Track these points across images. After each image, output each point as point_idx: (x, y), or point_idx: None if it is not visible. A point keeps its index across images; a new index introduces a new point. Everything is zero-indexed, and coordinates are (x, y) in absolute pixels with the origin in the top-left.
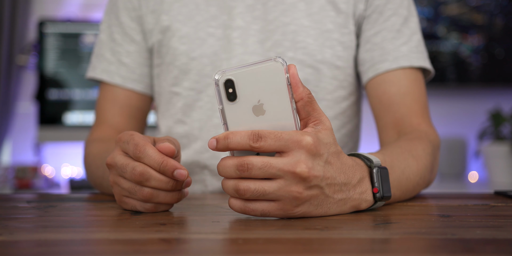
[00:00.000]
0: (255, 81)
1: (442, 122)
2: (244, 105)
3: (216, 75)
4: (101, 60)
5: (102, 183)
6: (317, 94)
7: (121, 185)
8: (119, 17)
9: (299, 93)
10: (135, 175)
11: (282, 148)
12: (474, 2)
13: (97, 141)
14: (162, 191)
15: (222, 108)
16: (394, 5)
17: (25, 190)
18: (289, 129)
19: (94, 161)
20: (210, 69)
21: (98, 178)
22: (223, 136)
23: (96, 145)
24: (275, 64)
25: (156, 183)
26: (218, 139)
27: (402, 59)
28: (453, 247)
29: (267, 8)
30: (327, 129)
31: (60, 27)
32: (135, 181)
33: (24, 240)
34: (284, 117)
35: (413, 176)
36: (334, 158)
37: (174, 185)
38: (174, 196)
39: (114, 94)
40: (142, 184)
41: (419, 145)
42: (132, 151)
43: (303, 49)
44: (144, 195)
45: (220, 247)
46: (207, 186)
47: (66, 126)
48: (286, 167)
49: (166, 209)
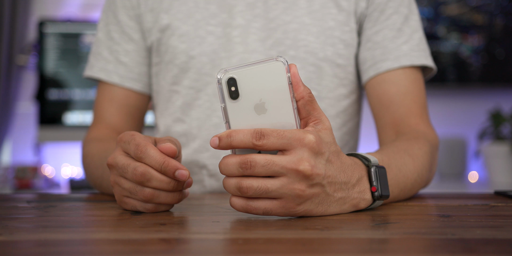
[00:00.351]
0: (257, 80)
1: (442, 122)
2: (246, 104)
3: (218, 73)
4: (99, 58)
5: (101, 183)
6: (319, 92)
7: (122, 185)
8: (117, 16)
9: (299, 92)
10: (136, 176)
11: (284, 146)
12: (474, 2)
13: (95, 140)
14: (163, 192)
15: (224, 106)
16: (395, 4)
17: (25, 190)
18: (290, 128)
19: (92, 161)
20: (209, 68)
21: (97, 178)
22: (225, 134)
23: (94, 145)
24: (276, 63)
25: (157, 184)
26: (221, 137)
27: (403, 58)
28: (453, 247)
29: (268, 6)
30: (327, 128)
31: (60, 27)
32: (136, 181)
33: (24, 240)
34: (285, 116)
35: (410, 174)
36: (334, 157)
37: (175, 185)
38: (175, 197)
39: (112, 93)
40: (143, 185)
41: (415, 144)
42: (133, 151)
43: (305, 47)
44: (145, 196)
45: (220, 247)
46: (205, 187)
47: (66, 126)
48: (289, 164)
49: (167, 209)
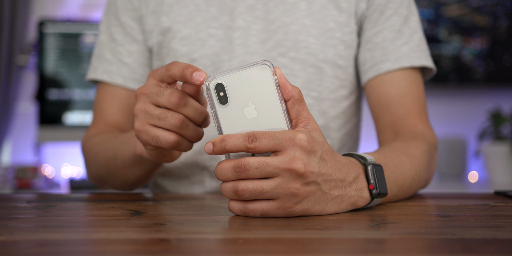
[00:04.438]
0: (245, 84)
1: (442, 122)
2: (235, 108)
3: (206, 81)
4: (102, 61)
5: (115, 163)
6: (320, 93)
7: (150, 112)
8: (120, 18)
9: (288, 91)
10: (174, 98)
11: (276, 147)
12: (476, 3)
13: (97, 135)
14: (192, 123)
15: (215, 112)
16: (395, 5)
17: (25, 190)
18: (281, 130)
19: (100, 148)
20: (211, 70)
21: (109, 162)
22: (219, 139)
23: (98, 137)
24: (262, 67)
25: (191, 111)
26: (215, 142)
27: (403, 59)
28: (453, 247)
29: (268, 8)
30: (316, 129)
31: (60, 27)
32: (173, 103)
33: (24, 240)
34: (275, 118)
35: (408, 172)
36: (328, 155)
37: (205, 118)
38: (199, 132)
39: (113, 94)
40: (177, 109)
41: (412, 144)
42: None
43: (305, 48)
44: (176, 121)
45: (220, 247)
46: (206, 188)
47: (66, 126)
48: (282, 164)
49: (186, 149)
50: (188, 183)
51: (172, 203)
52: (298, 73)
